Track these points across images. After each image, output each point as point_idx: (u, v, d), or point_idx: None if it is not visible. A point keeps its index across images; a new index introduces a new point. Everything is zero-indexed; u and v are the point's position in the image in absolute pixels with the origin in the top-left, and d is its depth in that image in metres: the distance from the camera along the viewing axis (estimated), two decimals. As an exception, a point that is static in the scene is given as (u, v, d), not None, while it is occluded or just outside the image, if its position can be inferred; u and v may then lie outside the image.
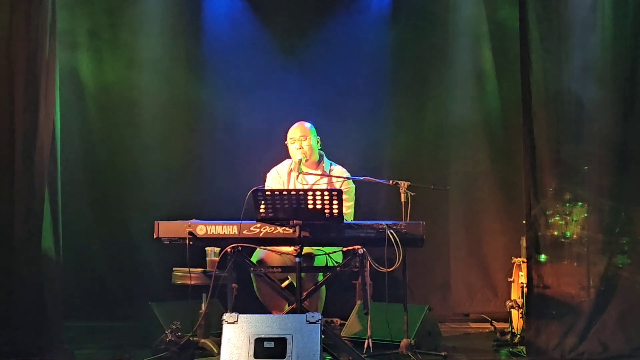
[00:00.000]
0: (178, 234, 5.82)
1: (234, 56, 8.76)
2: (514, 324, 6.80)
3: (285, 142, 6.85)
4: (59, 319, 6.32)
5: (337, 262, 6.19)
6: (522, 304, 6.49)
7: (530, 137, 6.18)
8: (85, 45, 8.48)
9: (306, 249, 5.95)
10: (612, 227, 6.16)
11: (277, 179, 6.88)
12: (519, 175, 6.72)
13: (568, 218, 6.29)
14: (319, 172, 6.80)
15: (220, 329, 5.18)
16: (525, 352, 6.18)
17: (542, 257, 6.15)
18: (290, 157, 6.91)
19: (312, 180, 6.82)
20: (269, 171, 6.97)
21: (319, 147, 6.89)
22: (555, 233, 6.26)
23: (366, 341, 5.88)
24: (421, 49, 8.76)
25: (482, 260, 8.60)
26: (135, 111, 8.56)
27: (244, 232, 5.77)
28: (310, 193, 5.57)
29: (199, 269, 6.37)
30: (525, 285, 6.33)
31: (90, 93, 8.50)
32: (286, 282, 6.70)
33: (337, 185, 6.69)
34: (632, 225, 6.16)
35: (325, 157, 6.91)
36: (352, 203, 6.79)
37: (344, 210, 6.45)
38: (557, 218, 6.28)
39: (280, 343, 5.04)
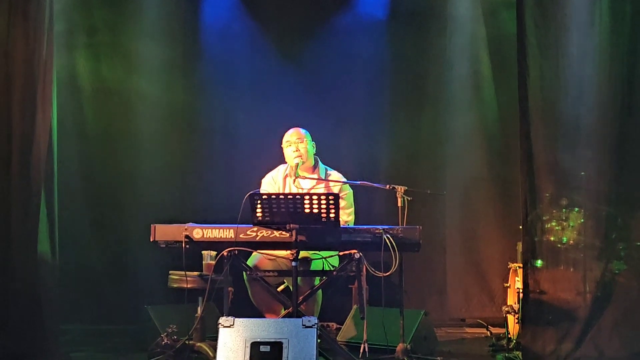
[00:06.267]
0: (174, 238, 5.84)
1: (232, 60, 8.75)
2: (510, 329, 6.82)
3: (281, 146, 6.86)
4: (55, 322, 6.31)
5: (333, 267, 6.20)
6: (518, 309, 6.50)
7: (527, 142, 6.19)
8: (82, 48, 8.46)
9: (303, 253, 5.96)
10: (609, 232, 6.16)
11: (272, 184, 6.88)
12: (515, 181, 6.73)
13: (564, 224, 6.30)
14: (315, 176, 6.80)
15: (216, 332, 5.18)
16: (521, 357, 6.18)
17: (539, 263, 6.15)
18: (285, 163, 6.92)
19: (307, 185, 6.82)
20: (264, 177, 6.98)
21: (315, 152, 6.90)
22: (552, 238, 6.26)
23: (362, 346, 5.89)
24: (418, 53, 8.75)
25: (479, 265, 8.60)
26: (132, 114, 8.54)
27: (241, 235, 5.78)
28: (307, 197, 5.58)
29: (195, 273, 6.38)
30: (521, 290, 6.33)
31: (87, 96, 8.47)
32: (282, 286, 6.70)
33: (334, 191, 6.69)
34: (628, 231, 6.16)
35: (320, 162, 6.91)
36: (353, 209, 6.81)
37: (345, 217, 6.51)
38: (553, 223, 6.29)
39: (276, 347, 5.04)
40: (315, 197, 5.59)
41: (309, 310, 6.32)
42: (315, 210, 5.59)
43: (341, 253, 5.93)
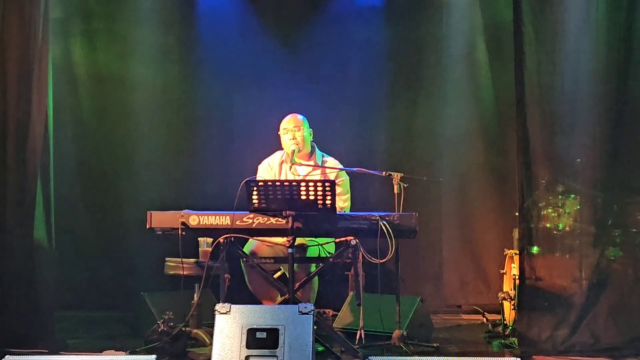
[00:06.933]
0: (171, 224, 5.83)
1: (228, 48, 8.73)
2: (506, 316, 6.82)
3: (278, 133, 6.85)
4: (51, 309, 6.31)
5: (329, 253, 6.20)
6: (514, 295, 6.50)
7: (524, 129, 6.18)
8: (78, 35, 8.45)
9: (299, 240, 5.96)
10: (605, 219, 6.18)
11: (268, 170, 6.87)
12: (512, 168, 6.72)
13: (560, 210, 6.31)
14: (312, 163, 6.79)
15: (213, 319, 5.18)
16: (517, 343, 6.18)
17: (535, 249, 6.16)
18: (282, 149, 6.91)
19: (304, 171, 6.82)
20: (260, 163, 6.97)
21: (311, 139, 6.89)
22: (548, 225, 6.27)
23: (358, 332, 5.89)
24: (415, 40, 8.73)
25: (475, 252, 8.62)
26: (128, 101, 8.54)
27: (237, 222, 5.78)
28: (303, 184, 5.59)
29: (192, 260, 6.38)
30: (517, 277, 6.34)
31: (83, 83, 8.48)
32: (279, 273, 6.70)
33: (330, 177, 6.68)
34: (624, 217, 6.17)
35: (317, 148, 6.91)
36: (349, 195, 6.79)
37: (341, 203, 6.50)
38: (549, 210, 6.30)
39: (273, 334, 5.04)
40: (311, 183, 5.59)
41: (305, 297, 6.32)
42: (312, 197, 5.59)
43: (337, 240, 5.92)
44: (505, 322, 6.79)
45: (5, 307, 6.04)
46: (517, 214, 6.31)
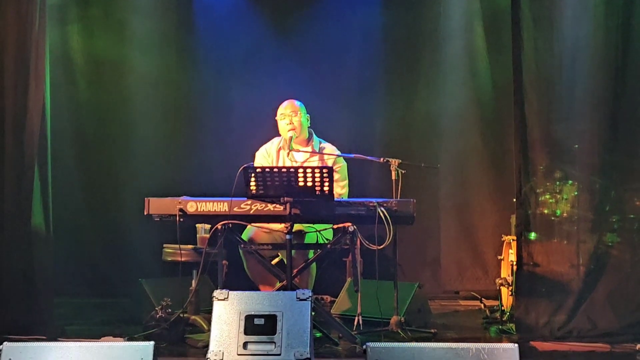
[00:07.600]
0: (168, 211, 5.83)
1: (225, 34, 8.71)
2: (504, 302, 6.83)
3: (275, 119, 6.84)
4: (49, 296, 6.32)
5: (327, 240, 6.20)
6: (512, 281, 6.51)
7: (522, 115, 6.17)
8: (75, 22, 8.42)
9: (297, 226, 5.96)
10: (602, 205, 6.17)
11: (265, 157, 6.86)
12: (509, 154, 6.74)
13: (558, 196, 6.30)
14: (309, 149, 6.78)
15: (211, 305, 5.18)
16: (514, 329, 6.20)
17: (532, 235, 6.16)
18: (279, 136, 6.90)
19: (301, 158, 6.81)
20: (258, 150, 6.96)
21: (309, 125, 6.87)
22: (546, 211, 6.27)
23: (356, 318, 5.91)
24: (413, 27, 8.71)
25: (473, 238, 8.61)
26: (126, 88, 8.51)
27: (235, 209, 5.77)
28: (301, 170, 5.58)
29: (190, 246, 6.37)
30: (515, 263, 6.34)
31: (80, 70, 8.45)
32: (276, 259, 6.70)
33: (328, 164, 6.67)
34: (622, 203, 6.17)
35: (314, 135, 6.90)
36: (346, 182, 6.78)
37: (339, 190, 6.49)
38: (547, 196, 6.29)
39: (271, 320, 5.03)
40: (309, 170, 5.58)
41: (303, 283, 6.33)
42: (309, 184, 5.58)
43: (335, 226, 5.93)
44: (502, 308, 6.80)
45: (3, 294, 6.06)
46: (514, 200, 6.32)
